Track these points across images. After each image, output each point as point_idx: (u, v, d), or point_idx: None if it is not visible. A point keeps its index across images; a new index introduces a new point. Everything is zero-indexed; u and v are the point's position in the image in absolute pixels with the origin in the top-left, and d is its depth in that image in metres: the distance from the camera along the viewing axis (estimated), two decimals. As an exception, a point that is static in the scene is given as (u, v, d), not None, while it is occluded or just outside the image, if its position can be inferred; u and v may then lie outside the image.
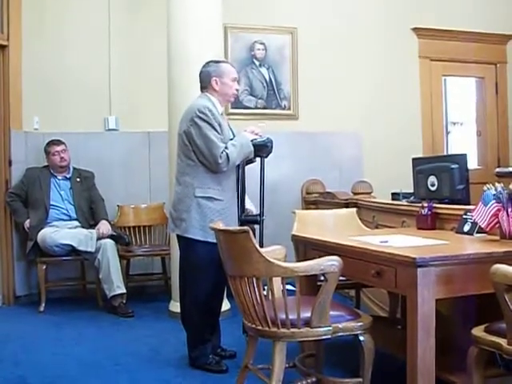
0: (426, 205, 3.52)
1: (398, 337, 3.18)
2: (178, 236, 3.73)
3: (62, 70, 5.75)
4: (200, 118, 3.54)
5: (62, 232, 5.19)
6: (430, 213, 3.49)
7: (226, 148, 3.55)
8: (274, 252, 2.95)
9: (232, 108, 6.08)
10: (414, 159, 4.21)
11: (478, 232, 3.05)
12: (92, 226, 5.35)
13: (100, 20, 5.85)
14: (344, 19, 6.55)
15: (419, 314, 2.45)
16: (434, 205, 3.52)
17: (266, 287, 2.64)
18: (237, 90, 3.85)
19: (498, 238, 2.91)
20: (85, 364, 3.76)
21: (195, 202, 3.58)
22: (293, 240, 3.57)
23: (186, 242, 3.66)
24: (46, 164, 5.51)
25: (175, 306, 4.65)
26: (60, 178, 5.48)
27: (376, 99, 6.61)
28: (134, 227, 5.90)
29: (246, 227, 2.58)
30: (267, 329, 2.62)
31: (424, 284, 2.45)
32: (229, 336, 3.98)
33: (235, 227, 3.22)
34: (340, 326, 2.65)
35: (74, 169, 5.55)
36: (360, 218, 4.08)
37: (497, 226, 2.89)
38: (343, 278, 3.19)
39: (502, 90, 7.26)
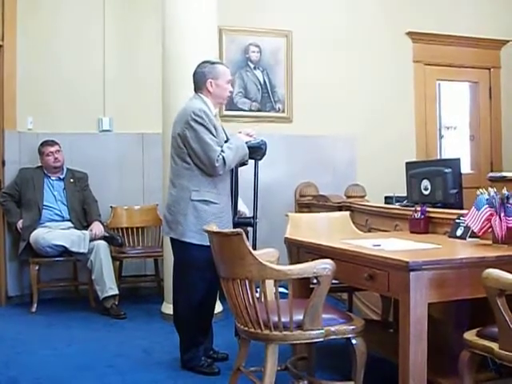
0: (419, 209, 3.53)
1: (390, 340, 3.18)
2: (172, 239, 3.69)
3: (56, 70, 5.73)
4: (195, 120, 3.51)
5: (55, 233, 5.18)
6: (422, 217, 3.49)
7: (222, 151, 3.52)
8: (267, 255, 2.96)
9: (226, 110, 6.08)
10: (407, 163, 4.21)
11: (470, 236, 3.05)
12: (85, 227, 5.34)
13: (94, 21, 5.84)
14: (339, 23, 6.56)
15: (411, 318, 2.45)
16: (427, 209, 3.52)
17: (258, 289, 2.64)
18: (230, 92, 3.84)
19: (490, 242, 2.91)
20: (76, 365, 3.74)
21: (191, 206, 3.55)
22: (286, 243, 3.57)
23: (181, 246, 3.62)
24: (39, 164, 5.49)
25: (167, 308, 4.65)
26: (53, 178, 5.46)
27: (370, 103, 6.62)
28: (127, 228, 5.89)
29: (239, 229, 2.58)
30: (259, 331, 2.62)
31: (416, 288, 2.45)
32: (221, 338, 3.98)
33: (229, 229, 3.21)
34: (332, 329, 2.65)
35: (68, 169, 5.54)
36: (353, 222, 4.08)
37: (489, 230, 2.90)
38: (336, 281, 3.19)
39: (495, 94, 7.29)
